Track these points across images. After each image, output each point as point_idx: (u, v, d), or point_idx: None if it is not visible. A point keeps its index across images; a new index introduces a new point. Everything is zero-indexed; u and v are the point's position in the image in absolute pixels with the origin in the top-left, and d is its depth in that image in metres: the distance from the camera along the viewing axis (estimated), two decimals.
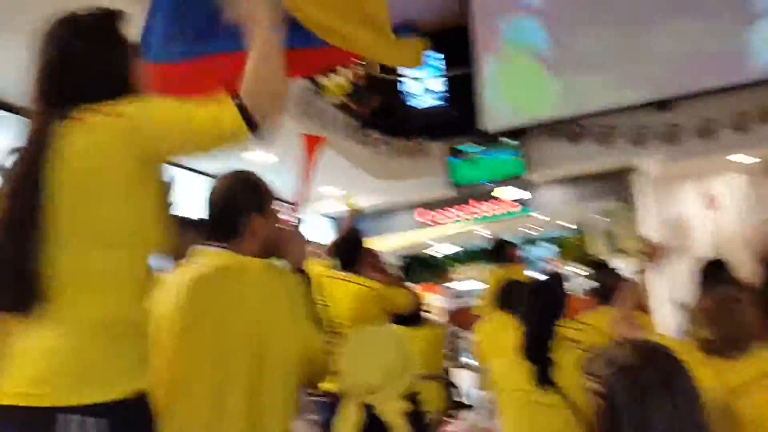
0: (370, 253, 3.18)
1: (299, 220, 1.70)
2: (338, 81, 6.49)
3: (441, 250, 15.03)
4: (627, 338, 1.66)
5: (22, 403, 1.10)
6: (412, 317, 3.51)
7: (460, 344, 5.29)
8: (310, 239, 2.78)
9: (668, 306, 6.66)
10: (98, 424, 1.09)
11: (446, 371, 4.49)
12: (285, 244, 1.66)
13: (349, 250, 3.07)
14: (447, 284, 14.10)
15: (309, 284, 1.67)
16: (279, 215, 1.67)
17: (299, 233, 1.75)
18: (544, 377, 2.18)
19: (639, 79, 5.91)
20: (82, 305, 1.16)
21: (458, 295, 14.11)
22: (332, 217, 8.49)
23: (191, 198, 1.73)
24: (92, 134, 1.19)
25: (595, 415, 2.12)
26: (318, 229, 8.22)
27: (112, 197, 1.19)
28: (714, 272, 3.10)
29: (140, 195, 1.23)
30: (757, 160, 6.74)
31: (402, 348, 1.49)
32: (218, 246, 1.56)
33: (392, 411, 1.37)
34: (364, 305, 2.90)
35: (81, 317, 1.15)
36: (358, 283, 2.96)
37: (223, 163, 5.01)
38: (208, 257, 1.55)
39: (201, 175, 5.23)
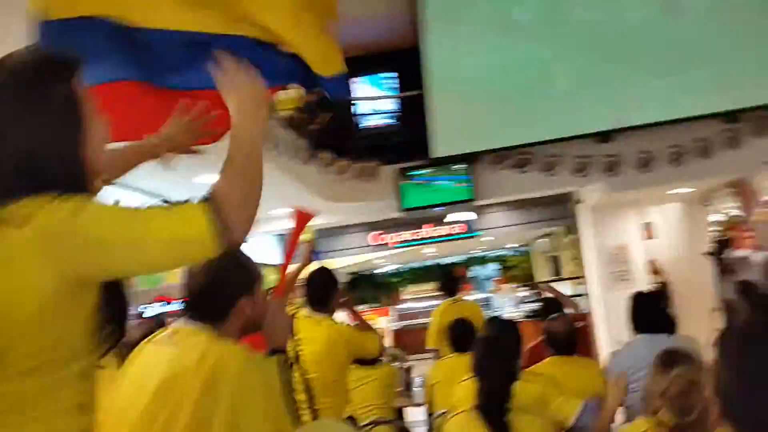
0: (341, 292, 3.16)
1: (286, 300, 1.62)
2: (291, 95, 6.43)
3: (388, 268, 15.09)
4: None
5: None
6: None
7: (412, 379, 5.29)
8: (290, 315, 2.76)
9: (609, 338, 6.87)
10: None
11: (399, 411, 4.48)
12: (269, 323, 1.61)
13: (321, 290, 3.02)
14: (396, 305, 14.21)
15: (290, 366, 1.62)
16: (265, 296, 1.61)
17: (284, 311, 1.67)
18: None
19: (583, 111, 6.13)
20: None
21: (404, 314, 14.23)
22: (280, 235, 8.42)
23: None
24: (3, 248, 0.94)
25: None
26: (266, 248, 8.13)
27: (26, 323, 0.96)
28: (649, 306, 3.20)
29: (67, 316, 0.99)
30: (693, 190, 7.07)
31: None
32: (199, 325, 1.51)
33: None
34: (335, 350, 2.89)
35: None
36: (328, 326, 2.94)
37: (171, 185, 4.92)
38: (188, 338, 1.49)
39: (146, 195, 5.08)
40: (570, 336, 3.26)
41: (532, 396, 2.43)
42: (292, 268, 3.25)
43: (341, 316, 3.20)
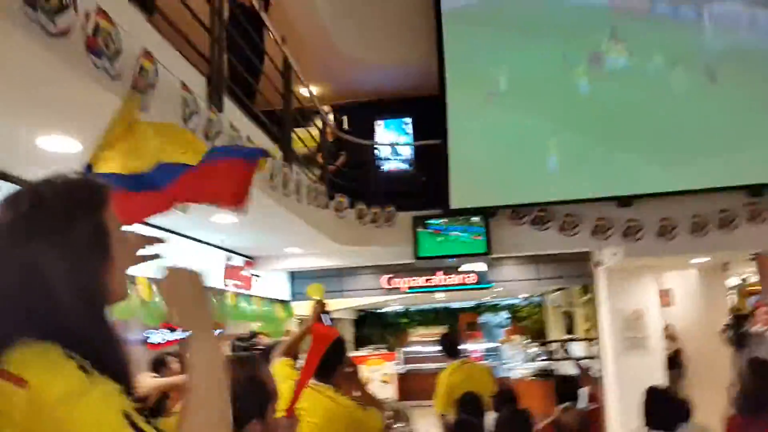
0: (348, 363, 2.99)
1: (296, 422, 1.53)
2: (307, 134, 6.48)
3: (397, 308, 15.00)
4: None
5: None
6: None
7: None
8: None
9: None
10: None
11: None
12: None
13: (326, 359, 2.70)
14: (403, 347, 13.94)
15: None
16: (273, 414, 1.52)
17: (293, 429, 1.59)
18: None
19: (604, 174, 6.11)
20: None
21: (411, 358, 14.02)
22: (292, 273, 8.41)
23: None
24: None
25: None
26: (278, 285, 8.11)
27: None
28: (661, 402, 3.10)
29: None
30: (709, 259, 6.97)
31: None
32: None
33: None
34: (334, 424, 2.74)
35: None
36: (330, 398, 2.78)
37: (189, 222, 4.95)
38: None
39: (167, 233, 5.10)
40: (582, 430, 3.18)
41: None
42: (297, 331, 3.17)
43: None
